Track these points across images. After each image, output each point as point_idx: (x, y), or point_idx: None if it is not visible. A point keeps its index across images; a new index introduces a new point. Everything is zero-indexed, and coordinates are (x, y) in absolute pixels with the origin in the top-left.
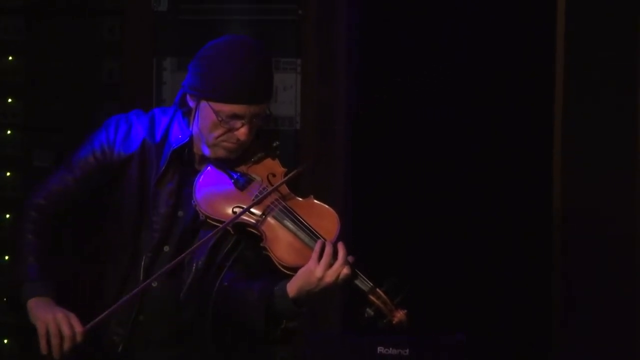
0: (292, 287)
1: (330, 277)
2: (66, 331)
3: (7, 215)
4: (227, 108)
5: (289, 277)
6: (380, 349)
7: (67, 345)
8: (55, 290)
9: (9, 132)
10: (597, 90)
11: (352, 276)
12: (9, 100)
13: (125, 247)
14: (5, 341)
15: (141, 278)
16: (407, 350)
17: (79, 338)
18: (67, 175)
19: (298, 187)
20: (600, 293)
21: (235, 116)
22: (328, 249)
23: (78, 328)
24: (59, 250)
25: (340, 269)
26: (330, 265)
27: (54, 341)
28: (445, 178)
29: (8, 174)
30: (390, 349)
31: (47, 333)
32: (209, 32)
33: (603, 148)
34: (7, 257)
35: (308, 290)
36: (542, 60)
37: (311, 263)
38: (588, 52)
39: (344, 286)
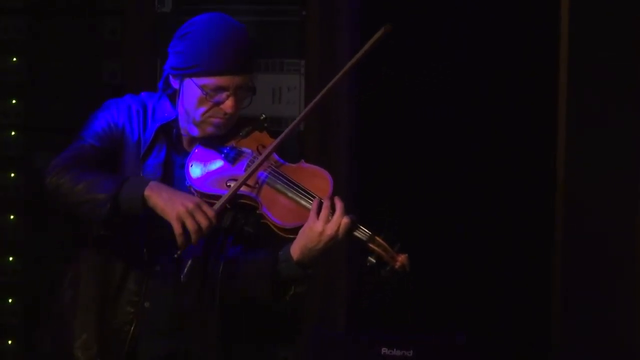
0: (295, 248)
1: (330, 229)
2: (203, 222)
3: (12, 217)
4: (210, 81)
5: (291, 243)
6: (384, 350)
7: (204, 232)
8: None
9: (13, 133)
10: (601, 90)
11: (352, 226)
12: (13, 101)
13: (126, 227)
14: (10, 342)
15: (145, 256)
16: (411, 351)
17: (214, 222)
18: (83, 144)
19: (288, 154)
20: (600, 293)
21: (219, 89)
22: (326, 203)
23: (210, 213)
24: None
25: (339, 220)
26: (329, 218)
27: (194, 236)
28: (447, 178)
29: (12, 175)
30: (394, 349)
31: (184, 228)
32: None
33: (606, 147)
34: (11, 258)
35: (310, 248)
36: (545, 59)
37: (310, 220)
38: (591, 51)
39: (345, 238)
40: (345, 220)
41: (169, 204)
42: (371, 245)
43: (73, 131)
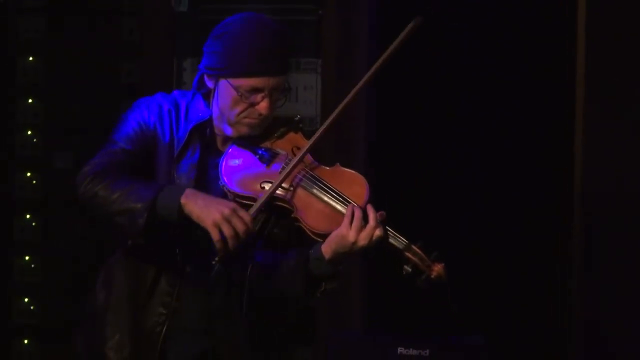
0: (326, 249)
1: (363, 239)
2: (240, 227)
3: (28, 216)
4: (245, 82)
5: (322, 242)
6: (400, 350)
7: (241, 238)
8: None
9: (29, 132)
10: (619, 87)
11: (385, 237)
12: (29, 100)
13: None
14: (26, 342)
15: (179, 258)
16: (427, 351)
17: (251, 227)
18: (115, 149)
19: (323, 157)
20: (621, 286)
21: (254, 90)
22: (357, 213)
23: (247, 217)
24: None
25: (372, 231)
26: (362, 228)
27: (231, 242)
28: (466, 178)
29: (28, 174)
30: (411, 349)
31: (221, 234)
32: None
33: (624, 148)
34: (27, 258)
35: (343, 252)
36: (563, 56)
37: (343, 228)
38: (609, 46)
39: (379, 247)
40: (378, 233)
41: (204, 210)
42: (407, 253)
43: (91, 132)
